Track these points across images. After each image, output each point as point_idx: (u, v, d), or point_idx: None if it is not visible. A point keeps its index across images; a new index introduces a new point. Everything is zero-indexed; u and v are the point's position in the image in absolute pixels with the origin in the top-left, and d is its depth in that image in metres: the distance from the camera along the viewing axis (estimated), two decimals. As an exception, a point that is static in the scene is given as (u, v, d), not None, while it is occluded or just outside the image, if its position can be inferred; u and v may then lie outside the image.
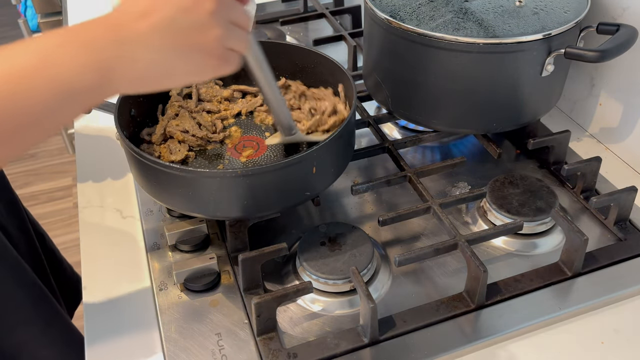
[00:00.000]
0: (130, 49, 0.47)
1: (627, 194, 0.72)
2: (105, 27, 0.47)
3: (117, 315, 0.67)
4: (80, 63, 0.46)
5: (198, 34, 0.49)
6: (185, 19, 0.48)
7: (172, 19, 0.48)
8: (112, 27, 0.47)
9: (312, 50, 0.82)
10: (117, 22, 0.47)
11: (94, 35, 0.46)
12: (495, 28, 0.73)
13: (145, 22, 0.47)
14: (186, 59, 0.50)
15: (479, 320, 0.64)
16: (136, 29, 0.47)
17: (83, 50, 0.46)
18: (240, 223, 0.69)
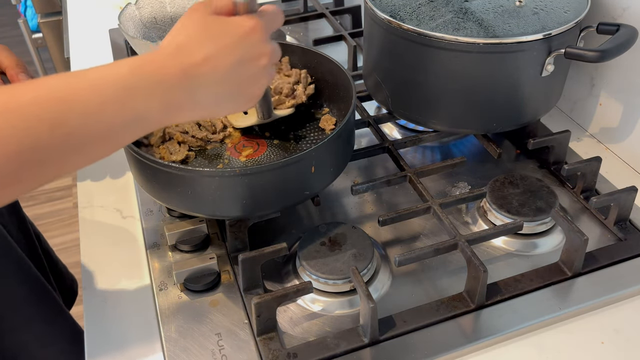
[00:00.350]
0: (197, 92, 0.51)
1: (627, 194, 0.72)
2: (177, 68, 0.49)
3: (117, 315, 0.67)
4: (154, 103, 0.49)
5: (252, 85, 0.55)
6: (244, 70, 0.53)
7: (233, 69, 0.52)
8: (183, 70, 0.50)
9: (312, 50, 0.82)
10: (186, 63, 0.50)
11: (167, 74, 0.49)
12: (495, 28, 0.73)
13: (210, 69, 0.51)
14: (235, 103, 0.55)
15: (479, 320, 0.64)
16: (203, 75, 0.50)
17: (156, 89, 0.49)
18: (240, 223, 0.69)
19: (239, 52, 0.52)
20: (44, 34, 1.91)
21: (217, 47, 0.51)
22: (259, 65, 0.54)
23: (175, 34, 0.52)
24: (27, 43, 1.99)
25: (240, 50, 0.52)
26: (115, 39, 1.19)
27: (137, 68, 0.48)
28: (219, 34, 0.51)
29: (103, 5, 1.34)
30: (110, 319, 0.66)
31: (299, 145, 0.78)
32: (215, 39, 0.51)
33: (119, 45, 1.17)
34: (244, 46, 0.52)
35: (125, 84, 0.47)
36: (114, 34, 1.20)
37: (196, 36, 0.51)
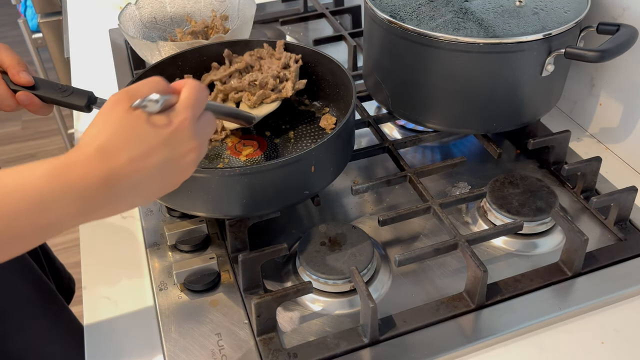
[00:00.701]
0: (119, 194, 0.48)
1: (627, 194, 0.72)
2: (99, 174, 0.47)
3: (117, 315, 0.67)
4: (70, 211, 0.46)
5: (177, 178, 0.53)
6: (170, 168, 0.51)
7: (159, 169, 0.50)
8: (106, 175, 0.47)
9: (312, 49, 0.83)
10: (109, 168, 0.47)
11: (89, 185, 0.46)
12: (495, 28, 0.73)
13: (134, 170, 0.48)
14: (158, 194, 0.53)
15: (479, 320, 0.64)
16: (127, 177, 0.48)
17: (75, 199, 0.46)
18: (240, 223, 0.69)
19: (164, 152, 0.49)
20: (44, 34, 1.90)
21: (141, 149, 0.48)
22: (186, 161, 0.52)
23: (96, 133, 0.48)
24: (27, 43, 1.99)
25: (166, 151, 0.49)
26: (115, 39, 1.19)
27: (55, 177, 0.46)
28: (143, 135, 0.49)
29: (103, 5, 1.34)
30: (110, 319, 0.66)
31: (299, 145, 0.78)
32: (139, 141, 0.48)
33: (119, 45, 1.17)
34: (170, 146, 0.50)
35: (41, 196, 0.45)
36: (114, 34, 1.20)
37: (119, 137, 0.48)
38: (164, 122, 0.50)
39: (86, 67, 1.14)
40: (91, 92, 0.74)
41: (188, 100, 0.51)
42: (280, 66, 0.80)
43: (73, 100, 0.73)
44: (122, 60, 1.12)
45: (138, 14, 1.01)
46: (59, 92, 0.73)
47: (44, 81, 0.73)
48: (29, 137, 2.54)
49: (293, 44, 0.84)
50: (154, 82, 0.51)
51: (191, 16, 1.04)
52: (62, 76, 1.92)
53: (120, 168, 0.47)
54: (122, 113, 0.49)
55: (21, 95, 0.71)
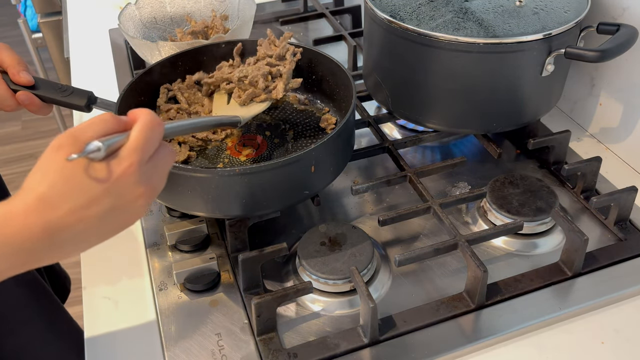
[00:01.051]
0: (61, 244, 0.47)
1: (627, 194, 0.72)
2: (39, 227, 0.45)
3: (117, 315, 0.67)
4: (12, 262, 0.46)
5: (131, 219, 0.51)
6: (116, 216, 0.49)
7: (103, 217, 0.48)
8: (46, 227, 0.45)
9: (312, 49, 0.83)
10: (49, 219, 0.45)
11: (30, 237, 0.45)
12: (496, 28, 0.73)
13: (76, 221, 0.46)
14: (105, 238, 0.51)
15: (479, 320, 0.64)
16: (69, 227, 0.46)
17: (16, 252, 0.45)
18: (240, 223, 0.69)
19: (108, 202, 0.47)
20: (44, 34, 1.90)
21: (82, 200, 0.46)
22: (134, 207, 0.49)
23: (38, 181, 0.46)
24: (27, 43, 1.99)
25: (109, 200, 0.47)
26: (115, 39, 1.19)
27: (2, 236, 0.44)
28: (83, 186, 0.46)
29: (103, 5, 1.34)
30: (110, 319, 0.66)
31: (299, 145, 0.78)
32: (80, 191, 0.46)
33: (119, 45, 1.17)
34: (113, 195, 0.47)
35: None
36: (114, 34, 1.20)
37: (59, 188, 0.46)
38: (105, 173, 0.47)
39: (86, 67, 1.14)
40: (91, 92, 0.74)
41: (136, 142, 0.48)
42: (275, 57, 0.77)
43: (73, 100, 0.73)
44: (122, 60, 1.12)
45: (138, 14, 1.01)
46: (59, 92, 0.73)
47: (44, 81, 0.73)
48: (29, 137, 2.54)
49: (293, 44, 0.84)
50: (101, 123, 0.48)
51: (191, 16, 1.04)
52: (62, 76, 1.92)
53: (60, 219, 0.46)
54: (62, 161, 0.46)
55: (21, 95, 0.71)
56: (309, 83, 0.85)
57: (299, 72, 0.85)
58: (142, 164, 0.49)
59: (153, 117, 0.50)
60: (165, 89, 0.81)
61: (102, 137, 0.47)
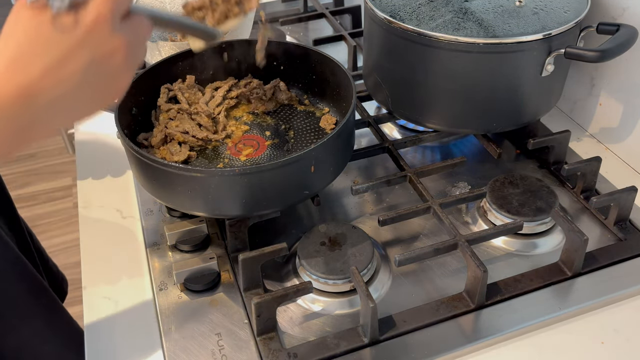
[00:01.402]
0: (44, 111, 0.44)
1: (627, 194, 0.72)
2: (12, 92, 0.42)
3: (117, 315, 0.67)
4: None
5: (112, 84, 0.47)
6: (97, 73, 0.45)
7: (82, 76, 0.44)
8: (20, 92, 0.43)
9: (312, 49, 0.83)
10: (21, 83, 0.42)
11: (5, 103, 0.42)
12: (495, 28, 0.73)
13: (53, 82, 0.43)
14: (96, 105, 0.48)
15: (479, 320, 0.64)
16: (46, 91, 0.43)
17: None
18: (240, 223, 0.69)
19: (83, 56, 0.44)
20: (44, 33, 1.90)
21: (54, 56, 0.43)
22: (113, 63, 0.46)
23: (3, 45, 0.43)
24: (27, 43, 1.99)
25: (84, 54, 0.44)
26: (115, 39, 1.19)
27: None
28: (54, 40, 0.43)
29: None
30: (110, 319, 0.66)
31: (299, 145, 0.78)
32: (50, 46, 0.43)
33: (119, 45, 1.17)
34: (87, 48, 0.44)
35: None
36: (114, 34, 1.20)
37: (28, 46, 0.42)
38: (74, 22, 0.43)
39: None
40: None
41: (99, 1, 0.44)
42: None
43: None
44: (122, 60, 1.12)
45: (138, 14, 1.01)
46: None
47: None
48: (29, 137, 2.53)
49: (293, 43, 0.84)
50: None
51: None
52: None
53: (35, 81, 0.43)
54: (27, 18, 0.43)
55: None
56: (309, 83, 0.85)
57: (299, 72, 0.85)
58: (115, 16, 0.45)
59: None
60: (165, 88, 0.81)
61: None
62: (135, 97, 0.77)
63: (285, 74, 0.86)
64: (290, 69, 0.85)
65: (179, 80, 0.83)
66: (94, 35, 0.44)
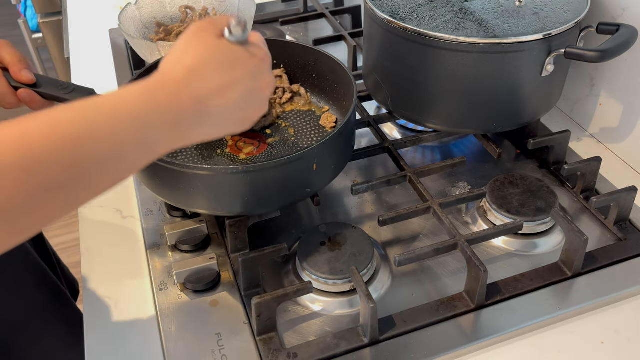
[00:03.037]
0: (206, 122, 0.50)
1: (627, 194, 0.72)
2: (190, 99, 0.48)
3: (117, 315, 0.67)
4: (165, 131, 0.47)
5: (254, 112, 0.54)
6: (252, 100, 0.53)
7: (243, 99, 0.51)
8: (197, 102, 0.48)
9: (313, 48, 0.83)
10: (199, 94, 0.48)
11: (180, 107, 0.47)
12: (495, 28, 0.73)
13: (222, 100, 0.49)
14: (237, 127, 0.54)
15: (479, 320, 0.64)
16: (215, 105, 0.49)
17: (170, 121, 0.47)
18: (240, 223, 0.69)
19: (250, 83, 0.51)
20: (44, 34, 1.91)
21: (230, 77, 0.50)
22: (264, 94, 0.54)
23: (181, 54, 0.49)
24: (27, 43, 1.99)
25: (251, 82, 0.51)
26: (115, 39, 1.19)
27: (150, 100, 0.46)
28: (232, 63, 0.50)
29: (103, 5, 1.34)
30: (110, 319, 0.66)
31: (299, 143, 0.78)
32: (229, 68, 0.50)
33: (119, 45, 1.17)
34: (254, 77, 0.51)
35: (141, 120, 0.46)
36: (114, 34, 1.20)
37: (208, 61, 0.49)
38: (251, 53, 0.51)
39: (86, 67, 1.14)
40: (92, 90, 0.74)
41: (261, 37, 0.54)
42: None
43: (75, 97, 0.73)
44: (122, 60, 1.12)
45: (138, 14, 1.01)
46: (60, 90, 0.73)
47: (46, 78, 0.73)
48: (29, 137, 2.53)
49: (293, 42, 0.84)
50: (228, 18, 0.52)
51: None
52: (62, 76, 1.92)
53: (209, 95, 0.48)
54: (211, 39, 0.49)
55: (22, 93, 0.71)
56: (309, 82, 0.86)
57: (300, 71, 0.85)
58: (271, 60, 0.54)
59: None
60: None
61: None
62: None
63: (285, 73, 0.86)
64: (290, 67, 0.85)
65: None
66: (260, 68, 0.52)
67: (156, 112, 0.46)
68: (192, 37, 0.50)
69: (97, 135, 0.43)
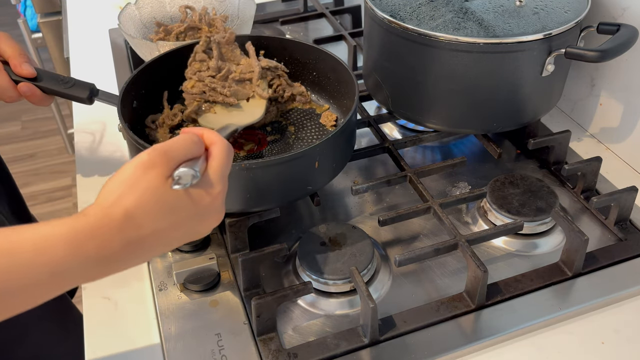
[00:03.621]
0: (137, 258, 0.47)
1: (628, 194, 0.72)
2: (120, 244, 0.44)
3: (117, 315, 0.66)
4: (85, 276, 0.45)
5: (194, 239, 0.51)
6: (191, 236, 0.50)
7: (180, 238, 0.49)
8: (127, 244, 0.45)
9: (314, 46, 0.83)
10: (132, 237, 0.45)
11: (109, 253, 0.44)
12: (496, 28, 0.73)
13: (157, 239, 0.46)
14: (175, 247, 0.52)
15: (479, 320, 0.64)
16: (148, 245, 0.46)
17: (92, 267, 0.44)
18: (240, 223, 0.69)
19: (191, 225, 0.48)
20: (44, 33, 1.90)
21: (171, 221, 0.46)
22: (208, 229, 0.51)
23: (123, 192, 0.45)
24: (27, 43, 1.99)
25: (193, 223, 0.48)
26: (115, 39, 1.19)
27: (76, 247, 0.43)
28: (178, 208, 0.46)
29: (103, 5, 1.33)
30: (110, 319, 0.66)
31: (300, 141, 0.78)
32: (170, 214, 0.46)
33: (119, 45, 1.17)
34: (198, 219, 0.48)
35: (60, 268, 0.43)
36: (114, 34, 1.20)
37: (151, 207, 0.45)
38: (201, 197, 0.47)
39: (86, 67, 1.14)
40: (93, 85, 0.74)
41: (221, 170, 0.49)
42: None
43: (75, 92, 0.73)
44: (122, 60, 1.12)
45: (138, 14, 1.01)
46: (60, 84, 0.73)
47: (46, 72, 0.73)
48: (28, 137, 2.54)
49: (294, 41, 0.84)
50: (192, 145, 0.48)
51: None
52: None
53: (143, 237, 0.45)
54: (157, 180, 0.45)
55: (23, 87, 0.71)
56: (310, 80, 0.86)
57: (301, 69, 0.85)
58: (225, 191, 0.50)
59: (227, 143, 0.51)
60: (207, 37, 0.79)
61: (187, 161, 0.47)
62: (137, 91, 0.77)
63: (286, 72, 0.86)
64: (291, 65, 0.85)
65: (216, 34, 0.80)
66: (209, 209, 0.49)
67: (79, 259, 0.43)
68: (140, 171, 0.45)
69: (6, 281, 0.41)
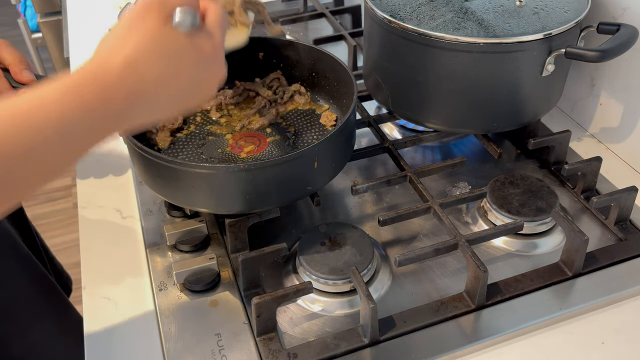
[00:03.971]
0: (142, 114, 0.45)
1: (628, 194, 0.72)
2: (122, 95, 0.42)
3: (117, 315, 0.66)
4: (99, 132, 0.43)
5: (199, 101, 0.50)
6: (197, 90, 0.48)
7: (185, 91, 0.47)
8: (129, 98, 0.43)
9: (313, 46, 0.83)
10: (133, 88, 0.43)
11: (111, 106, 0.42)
12: (496, 28, 0.73)
13: (159, 92, 0.44)
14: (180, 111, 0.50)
15: (479, 320, 0.64)
16: (151, 100, 0.44)
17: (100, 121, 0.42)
18: (240, 223, 0.69)
19: (194, 73, 0.46)
20: (44, 33, 1.90)
21: (171, 69, 0.44)
22: (211, 85, 0.48)
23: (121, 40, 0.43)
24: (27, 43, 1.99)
25: (197, 73, 0.46)
26: (115, 39, 1.18)
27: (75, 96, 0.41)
28: (180, 53, 0.44)
29: (103, 5, 1.33)
30: (110, 320, 0.66)
31: (300, 141, 0.78)
32: (174, 57, 0.44)
33: (119, 45, 1.17)
34: (201, 68, 0.46)
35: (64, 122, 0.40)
36: (114, 34, 1.20)
37: (148, 52, 0.43)
38: (202, 43, 0.45)
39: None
40: None
41: (219, 22, 0.47)
42: None
43: None
44: (122, 60, 1.12)
45: (138, 13, 1.01)
46: None
47: (46, 79, 0.73)
48: (28, 137, 2.53)
49: (293, 41, 0.84)
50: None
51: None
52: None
53: (145, 86, 0.43)
54: (154, 24, 0.43)
55: None
56: (309, 80, 0.86)
57: (300, 70, 0.85)
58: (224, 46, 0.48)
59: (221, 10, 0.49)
60: None
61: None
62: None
63: (285, 72, 0.86)
64: (290, 66, 0.85)
65: None
66: (212, 58, 0.46)
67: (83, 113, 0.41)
68: (135, 19, 0.44)
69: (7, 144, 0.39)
